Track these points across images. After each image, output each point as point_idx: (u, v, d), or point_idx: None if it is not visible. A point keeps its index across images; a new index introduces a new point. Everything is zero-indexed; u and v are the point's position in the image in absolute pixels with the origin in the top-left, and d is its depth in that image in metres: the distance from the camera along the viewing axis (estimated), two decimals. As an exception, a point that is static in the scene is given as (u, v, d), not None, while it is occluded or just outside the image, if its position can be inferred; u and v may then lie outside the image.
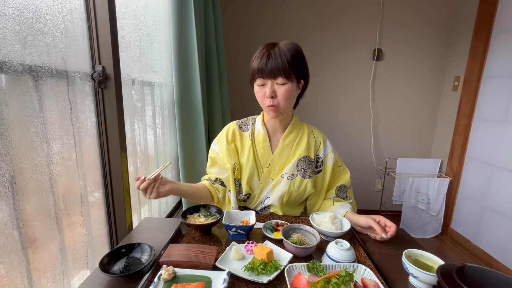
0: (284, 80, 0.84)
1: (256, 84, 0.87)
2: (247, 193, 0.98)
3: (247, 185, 0.97)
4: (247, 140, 0.99)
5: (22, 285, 0.61)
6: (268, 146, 0.97)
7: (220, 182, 0.99)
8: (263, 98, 0.87)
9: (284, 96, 0.85)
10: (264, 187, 0.97)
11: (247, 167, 0.96)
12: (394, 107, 2.41)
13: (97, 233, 0.91)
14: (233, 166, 0.97)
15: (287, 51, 0.83)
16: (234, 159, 0.98)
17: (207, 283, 0.57)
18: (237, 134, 1.00)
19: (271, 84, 0.84)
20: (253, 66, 0.86)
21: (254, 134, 0.99)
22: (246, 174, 0.96)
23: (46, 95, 0.67)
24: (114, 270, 0.61)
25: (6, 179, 0.57)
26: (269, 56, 0.83)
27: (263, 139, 0.97)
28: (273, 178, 0.96)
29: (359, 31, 2.27)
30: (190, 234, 0.80)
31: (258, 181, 0.97)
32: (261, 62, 0.83)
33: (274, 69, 0.82)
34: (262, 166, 0.98)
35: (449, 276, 0.53)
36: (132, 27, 1.06)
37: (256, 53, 0.88)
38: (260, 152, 0.97)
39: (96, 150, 0.89)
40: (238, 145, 1.00)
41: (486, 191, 1.90)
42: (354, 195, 1.04)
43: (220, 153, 1.00)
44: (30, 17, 0.62)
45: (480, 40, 1.96)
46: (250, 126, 1.01)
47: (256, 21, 2.29)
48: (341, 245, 0.68)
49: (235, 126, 1.01)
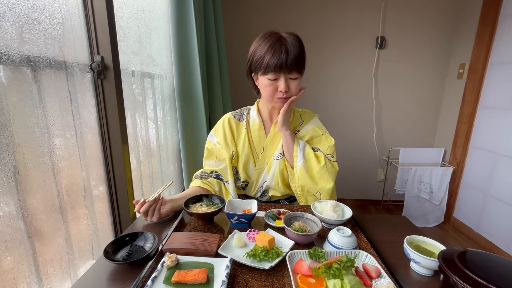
0: (297, 74, 0.86)
1: (267, 77, 0.85)
2: (245, 180, 1.02)
3: (243, 172, 1.00)
4: (242, 129, 1.01)
5: (30, 275, 0.63)
6: (263, 134, 1.00)
7: (216, 174, 1.01)
8: (274, 92, 0.87)
9: (296, 89, 0.88)
10: (260, 172, 1.00)
11: (243, 155, 1.00)
12: (397, 96, 2.38)
13: (102, 225, 0.93)
14: (231, 156, 1.00)
15: (297, 46, 0.84)
16: (232, 147, 1.00)
17: (210, 269, 0.58)
18: (233, 124, 1.02)
19: (285, 79, 0.85)
20: (266, 60, 0.83)
21: (249, 123, 1.02)
22: (242, 162, 1.00)
23: (45, 86, 0.67)
24: (118, 257, 0.62)
25: (9, 169, 0.58)
26: (287, 51, 0.82)
27: (259, 128, 0.99)
28: (267, 163, 1.00)
29: (361, 19, 2.22)
30: (192, 223, 0.81)
31: (254, 167, 1.01)
32: (280, 58, 0.81)
33: (292, 65, 0.82)
34: (257, 153, 1.01)
35: (450, 260, 0.53)
36: (130, 17, 1.04)
37: (261, 44, 0.85)
38: (256, 140, 1.00)
39: (97, 141, 0.89)
40: (235, 134, 1.02)
41: (489, 179, 1.89)
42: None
43: (217, 144, 1.02)
44: (26, 5, 0.61)
45: (486, 25, 1.90)
46: (245, 116, 1.03)
47: (256, 6, 2.24)
48: (343, 232, 0.68)
49: (230, 116, 1.03)
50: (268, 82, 0.86)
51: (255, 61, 0.87)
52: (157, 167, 1.34)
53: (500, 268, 0.52)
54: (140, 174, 1.16)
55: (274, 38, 0.84)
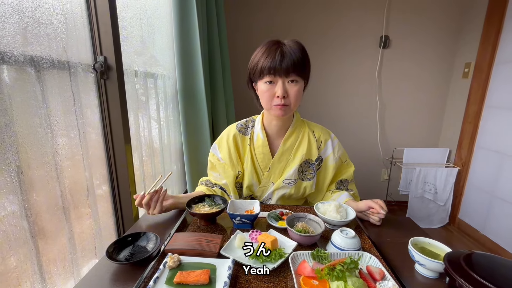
0: (296, 77, 0.81)
1: (264, 81, 0.82)
2: (248, 195, 1.02)
3: (247, 189, 0.98)
4: (247, 145, 0.96)
5: (34, 274, 0.63)
6: (267, 151, 0.94)
7: (219, 187, 1.00)
8: (271, 97, 0.83)
9: (296, 95, 0.82)
10: (264, 190, 0.98)
11: (247, 173, 0.96)
12: (401, 96, 2.36)
13: (104, 224, 0.93)
14: (236, 175, 0.96)
15: (297, 50, 0.80)
16: (238, 167, 0.96)
17: (212, 270, 0.57)
18: (238, 140, 0.97)
19: (282, 83, 0.81)
20: (260, 63, 0.81)
21: (253, 139, 0.96)
22: (247, 181, 0.97)
23: (48, 86, 0.67)
24: (120, 258, 0.62)
25: (12, 169, 0.58)
26: (282, 53, 0.79)
27: (263, 144, 0.93)
28: (273, 182, 0.96)
29: (365, 18, 2.20)
30: (195, 223, 0.81)
31: (258, 185, 0.98)
32: (274, 59, 0.78)
33: (289, 66, 0.78)
34: (262, 170, 0.96)
35: (456, 263, 0.52)
36: (133, 17, 1.04)
37: (261, 51, 0.83)
38: (259, 157, 0.95)
39: (100, 141, 0.90)
40: (241, 151, 0.97)
41: (495, 180, 1.86)
42: (359, 186, 1.04)
43: (221, 159, 0.98)
44: (30, 6, 0.61)
45: (492, 24, 1.88)
46: (250, 130, 0.97)
47: (259, 6, 2.23)
48: (346, 233, 0.67)
49: (235, 130, 0.97)
50: (265, 87, 0.82)
51: (252, 68, 0.85)
52: (159, 167, 1.34)
53: (507, 270, 0.51)
54: (143, 174, 1.16)
55: (271, 43, 0.82)
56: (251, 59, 0.86)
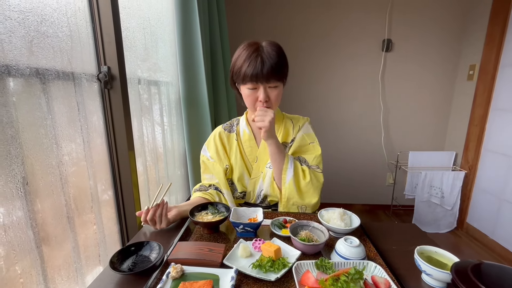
0: (276, 83, 0.86)
1: (247, 87, 0.86)
2: (242, 191, 1.02)
3: (239, 183, 1.01)
4: (233, 141, 1.02)
5: (37, 284, 0.63)
6: (254, 144, 1.00)
7: (215, 187, 1.01)
8: (254, 101, 0.88)
9: (276, 99, 0.88)
10: (256, 181, 1.00)
11: (236, 167, 1.00)
12: (405, 99, 2.34)
13: (109, 232, 0.93)
14: (225, 169, 1.00)
15: (275, 54, 0.84)
16: (225, 161, 1.01)
17: (215, 280, 0.57)
18: (224, 137, 1.03)
19: (264, 88, 0.85)
20: (243, 70, 0.84)
21: (239, 134, 1.02)
22: (237, 174, 1.00)
23: (54, 97, 0.69)
24: (123, 267, 0.62)
25: (18, 180, 0.59)
26: (262, 60, 0.82)
27: (249, 138, 1.00)
28: (262, 171, 0.99)
29: (367, 21, 2.20)
30: (198, 231, 0.80)
31: (249, 178, 1.01)
32: (256, 67, 0.81)
33: (269, 74, 0.82)
34: (251, 163, 1.01)
35: (464, 274, 0.51)
36: (137, 27, 1.06)
37: (241, 54, 0.85)
38: (247, 150, 1.00)
39: (104, 150, 0.91)
40: (227, 147, 1.03)
41: (504, 183, 1.83)
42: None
43: (210, 158, 1.02)
44: (35, 20, 0.63)
45: (497, 25, 1.86)
46: (235, 127, 1.03)
47: (261, 10, 2.24)
48: (351, 241, 0.66)
49: (221, 129, 1.04)
50: (248, 92, 0.87)
51: (235, 72, 0.88)
52: (163, 173, 1.34)
53: (518, 282, 0.49)
54: (147, 180, 1.16)
55: (251, 48, 0.84)
56: (233, 61, 0.89)
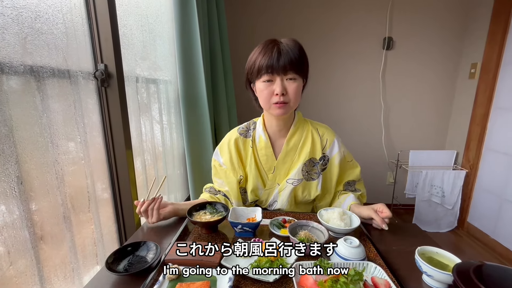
0: (294, 75, 0.80)
1: (262, 81, 0.81)
2: (253, 200, 0.98)
3: (252, 193, 0.95)
4: (249, 148, 0.95)
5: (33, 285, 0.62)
6: (271, 152, 0.92)
7: (223, 194, 0.98)
8: (270, 96, 0.81)
9: (295, 92, 0.81)
10: (270, 192, 0.95)
11: (251, 177, 0.94)
12: (406, 98, 2.32)
13: (107, 231, 0.93)
14: (239, 180, 0.94)
15: (294, 47, 0.80)
16: (239, 171, 0.94)
17: (212, 281, 0.56)
18: (240, 144, 0.95)
19: (281, 80, 0.80)
20: (257, 62, 0.80)
21: (255, 141, 0.94)
22: (251, 185, 0.94)
23: (49, 95, 0.67)
24: (119, 268, 0.61)
25: (12, 180, 0.58)
26: (279, 51, 0.78)
27: (265, 145, 0.92)
28: (278, 183, 0.94)
29: (368, 19, 2.19)
30: (196, 231, 0.79)
31: (263, 188, 0.95)
32: (272, 57, 0.78)
33: (286, 64, 0.78)
34: (266, 172, 0.94)
35: (466, 275, 0.50)
36: (134, 24, 1.05)
37: (258, 50, 0.83)
38: (263, 159, 0.93)
39: (102, 149, 0.90)
40: (243, 155, 0.95)
41: (505, 182, 1.81)
42: (365, 189, 1.01)
43: (223, 165, 0.96)
44: (29, 16, 0.62)
45: (498, 23, 1.84)
46: (251, 132, 0.96)
47: (261, 9, 2.22)
48: (350, 242, 0.65)
49: (236, 134, 0.96)
50: (263, 86, 0.81)
51: (250, 68, 0.84)
52: (162, 172, 1.34)
53: (521, 284, 0.48)
54: (145, 179, 1.16)
55: (268, 42, 0.82)
56: (249, 60, 0.86)
